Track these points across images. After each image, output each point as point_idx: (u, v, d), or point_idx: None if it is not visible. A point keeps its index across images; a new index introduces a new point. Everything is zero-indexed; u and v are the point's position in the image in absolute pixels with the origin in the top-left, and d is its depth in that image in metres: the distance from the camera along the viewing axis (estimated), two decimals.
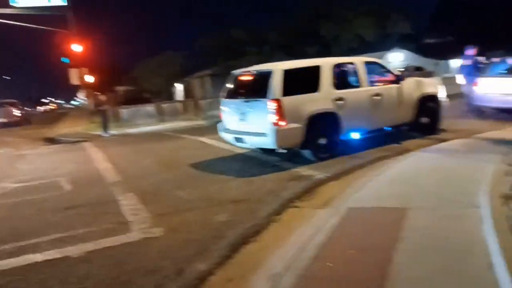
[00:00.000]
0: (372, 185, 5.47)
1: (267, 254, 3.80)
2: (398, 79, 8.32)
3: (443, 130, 8.92)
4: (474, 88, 10.59)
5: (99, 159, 10.14)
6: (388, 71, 8.48)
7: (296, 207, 5.02)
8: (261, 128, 7.11)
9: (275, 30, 30.36)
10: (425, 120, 8.72)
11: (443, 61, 35.02)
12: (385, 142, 8.22)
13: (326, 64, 7.60)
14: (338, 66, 7.98)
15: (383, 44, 32.26)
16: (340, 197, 5.13)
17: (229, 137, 8.00)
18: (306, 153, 7.34)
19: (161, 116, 21.09)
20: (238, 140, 7.69)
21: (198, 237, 4.41)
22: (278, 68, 7.11)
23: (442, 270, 3.10)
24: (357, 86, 7.95)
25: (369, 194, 5.14)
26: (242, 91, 7.90)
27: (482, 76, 10.62)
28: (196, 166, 8.01)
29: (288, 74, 7.05)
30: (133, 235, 4.60)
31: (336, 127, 7.48)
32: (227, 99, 8.13)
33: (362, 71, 7.96)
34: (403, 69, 8.89)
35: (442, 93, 9.00)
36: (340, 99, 7.46)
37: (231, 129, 7.99)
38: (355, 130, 7.87)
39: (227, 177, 6.85)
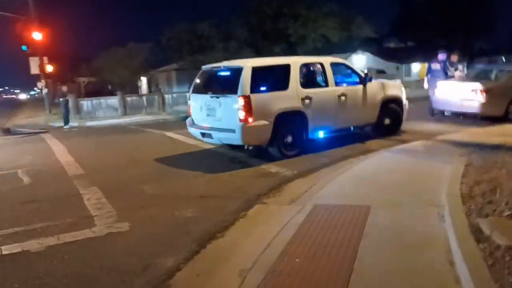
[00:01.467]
0: (336, 182, 5.61)
1: (234, 250, 3.82)
2: (363, 81, 8.55)
3: (404, 132, 9.25)
4: (435, 91, 11.04)
5: (60, 152, 9.80)
6: (354, 72, 8.69)
7: (263, 203, 5.07)
8: (229, 124, 7.12)
9: (242, 27, 30.29)
10: (387, 122, 9.01)
11: (404, 65, 36.31)
12: (350, 141, 8.44)
13: (295, 63, 7.70)
14: (306, 65, 8.11)
15: (348, 46, 33.02)
16: (306, 194, 5.23)
17: (196, 132, 7.95)
18: (273, 150, 7.42)
19: (125, 109, 20.60)
20: (205, 135, 7.66)
21: (165, 232, 4.38)
22: (248, 64, 7.14)
23: (405, 264, 3.24)
24: (324, 86, 8.10)
25: (334, 191, 5.27)
26: (211, 86, 7.88)
27: (445, 80, 11.09)
28: (162, 161, 7.92)
29: (258, 71, 7.09)
30: (98, 230, 4.50)
31: (303, 126, 7.60)
32: (196, 94, 8.07)
33: (329, 71, 8.12)
34: (366, 71, 8.94)
35: (404, 96, 9.33)
36: (308, 98, 7.59)
37: (198, 124, 7.95)
38: (321, 129, 8.03)
39: (194, 173, 6.82)
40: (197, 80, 8.18)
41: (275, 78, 7.59)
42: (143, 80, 39.39)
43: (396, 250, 3.48)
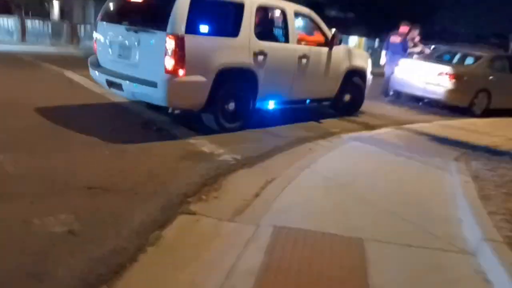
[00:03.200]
0: (300, 185, 3.81)
1: None
2: (329, 43, 6.72)
3: (362, 113, 7.70)
4: (395, 69, 9.63)
5: None
6: (320, 30, 6.80)
7: (190, 213, 3.09)
8: (148, 74, 4.92)
9: None
10: (347, 98, 7.37)
11: (342, 35, 35.34)
12: (302, 118, 6.70)
13: (252, 2, 5.57)
14: (264, 9, 6.04)
15: None
16: (258, 202, 3.37)
17: (101, 78, 5.59)
18: (208, 118, 5.40)
19: (23, 35, 16.75)
20: (113, 85, 5.35)
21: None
22: None
23: None
24: (283, 41, 6.14)
25: (299, 201, 3.45)
26: (129, 14, 5.49)
27: (406, 58, 9.69)
28: (47, 113, 5.48)
29: (199, 3, 4.89)
30: None
31: (252, 90, 5.64)
32: (105, 23, 5.64)
33: (291, 23, 6.15)
34: (335, 31, 7.06)
35: (369, 69, 7.73)
36: (262, 53, 5.58)
37: (105, 67, 5.59)
38: (272, 98, 6.14)
39: (88, 139, 4.58)
40: (109, 4, 5.72)
41: (222, 18, 5.45)
42: (56, 5, 33.86)
43: None
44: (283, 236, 2.83)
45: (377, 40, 31.93)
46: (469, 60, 9.43)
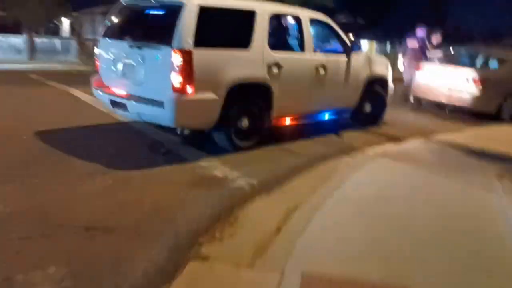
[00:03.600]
0: (328, 215, 3.33)
1: None
2: (349, 50, 6.27)
3: (385, 123, 7.19)
4: (417, 75, 9.09)
5: None
6: (338, 37, 6.34)
7: (202, 257, 2.63)
8: (154, 93, 4.51)
9: None
10: (368, 108, 6.89)
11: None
12: (321, 131, 6.24)
13: (264, 11, 5.16)
14: (278, 17, 5.62)
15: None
16: (281, 239, 2.90)
17: (104, 97, 5.21)
18: (220, 137, 4.96)
19: (32, 53, 16.68)
20: (118, 105, 4.96)
21: None
22: (192, 2, 4.48)
23: None
24: (299, 51, 5.70)
25: (330, 239, 2.97)
26: (133, 30, 5.11)
27: (427, 63, 9.14)
28: (49, 137, 5.11)
29: (208, 14, 4.49)
30: None
31: (267, 105, 5.20)
32: (108, 40, 5.28)
33: (307, 31, 5.71)
34: (353, 38, 6.62)
35: (390, 77, 7.24)
36: (277, 65, 5.15)
37: (109, 86, 5.21)
38: (289, 112, 5.69)
39: (91, 168, 4.16)
40: (112, 19, 5.36)
41: (232, 29, 5.02)
42: (65, 22, 34.08)
43: None
44: (315, 286, 2.35)
45: (388, 43, 31.39)
46: (493, 63, 8.82)
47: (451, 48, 9.74)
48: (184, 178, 4.06)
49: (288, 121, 5.79)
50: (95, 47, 5.51)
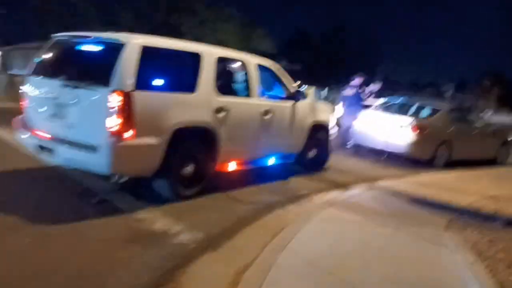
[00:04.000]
0: (280, 275, 3.04)
1: None
2: (294, 97, 6.26)
3: (328, 168, 7.18)
4: (354, 122, 9.34)
5: None
6: (282, 84, 6.34)
7: None
8: (88, 136, 4.09)
9: (128, 11, 26.15)
10: (312, 154, 6.85)
11: None
12: (266, 177, 6.05)
13: (211, 54, 5.01)
14: (224, 61, 5.47)
15: None
16: None
17: (29, 140, 4.66)
18: (161, 185, 4.58)
19: None
20: (45, 149, 4.43)
21: None
22: (135, 41, 4.20)
23: None
24: (245, 96, 5.57)
25: None
26: (66, 68, 4.67)
27: (364, 109, 9.45)
28: None
29: (150, 55, 4.22)
30: None
31: (213, 150, 4.93)
32: (37, 78, 4.79)
33: (254, 76, 5.63)
34: (298, 84, 6.66)
35: (333, 123, 7.32)
36: (223, 109, 4.95)
37: (36, 128, 4.68)
38: (234, 157, 5.45)
39: (8, 223, 3.58)
40: (43, 56, 4.91)
41: (177, 72, 4.80)
42: None
43: None
44: None
45: (326, 89, 32.86)
46: (425, 111, 9.27)
47: (387, 97, 10.18)
48: (119, 233, 3.61)
49: (233, 166, 5.54)
50: (21, 86, 4.97)
